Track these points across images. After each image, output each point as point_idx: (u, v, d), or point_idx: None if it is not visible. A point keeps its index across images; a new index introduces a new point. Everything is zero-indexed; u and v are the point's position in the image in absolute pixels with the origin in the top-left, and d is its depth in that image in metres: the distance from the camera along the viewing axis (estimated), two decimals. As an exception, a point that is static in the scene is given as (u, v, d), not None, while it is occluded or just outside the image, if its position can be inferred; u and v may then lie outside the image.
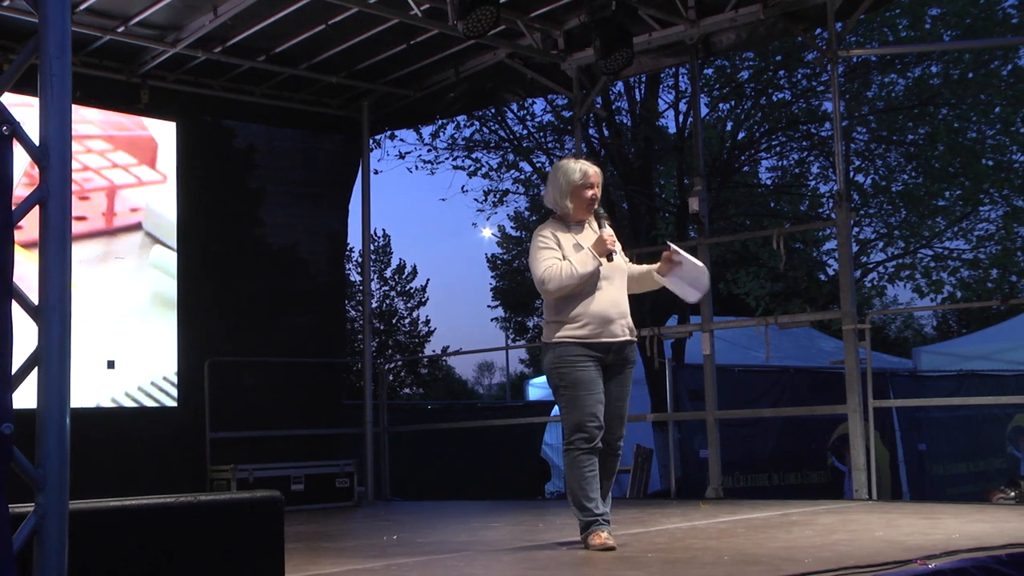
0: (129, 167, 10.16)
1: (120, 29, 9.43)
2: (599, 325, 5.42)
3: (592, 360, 5.41)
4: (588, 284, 5.44)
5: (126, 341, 9.88)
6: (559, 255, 5.47)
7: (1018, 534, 5.02)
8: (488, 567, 5.04)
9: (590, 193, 5.54)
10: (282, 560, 2.65)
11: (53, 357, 2.09)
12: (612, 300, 5.47)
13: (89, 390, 9.48)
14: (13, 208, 2.07)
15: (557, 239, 5.54)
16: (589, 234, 5.58)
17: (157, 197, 10.31)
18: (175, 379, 10.21)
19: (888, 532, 5.59)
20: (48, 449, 2.07)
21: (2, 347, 2.01)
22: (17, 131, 2.07)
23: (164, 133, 10.42)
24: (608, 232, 5.47)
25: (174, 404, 10.20)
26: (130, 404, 9.89)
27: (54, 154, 2.12)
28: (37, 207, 2.12)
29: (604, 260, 5.42)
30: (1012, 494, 8.07)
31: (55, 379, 2.09)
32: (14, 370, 2.06)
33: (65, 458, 2.09)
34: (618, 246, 5.57)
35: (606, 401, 5.46)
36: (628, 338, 5.52)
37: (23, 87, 2.43)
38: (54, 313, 2.09)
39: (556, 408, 15.14)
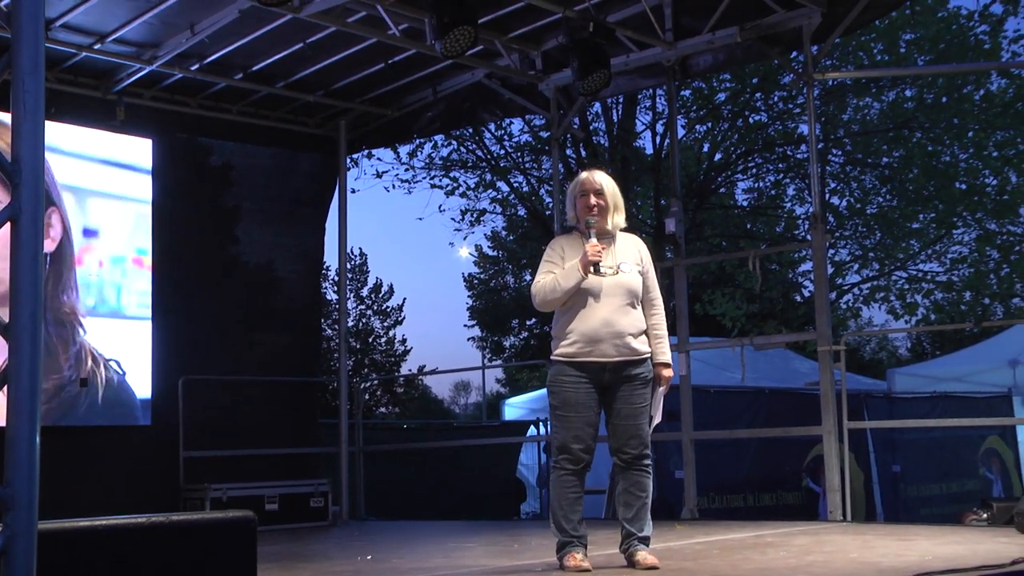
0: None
1: (96, 46, 9.40)
2: (587, 343, 5.29)
3: (584, 380, 5.29)
4: (577, 300, 5.31)
5: (99, 359, 9.81)
6: (558, 269, 5.39)
7: (991, 556, 5.04)
8: (462, 588, 5.02)
9: (586, 201, 5.41)
10: (254, 581, 2.63)
11: (24, 375, 2.07)
12: (604, 319, 5.28)
13: (61, 408, 9.40)
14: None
15: (563, 251, 5.46)
16: (611, 247, 5.42)
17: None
18: (149, 397, 10.13)
19: (862, 554, 5.60)
20: (17, 467, 2.04)
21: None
22: (-11, 147, 2.05)
23: (140, 151, 10.35)
24: (592, 243, 5.31)
25: (147, 423, 10.11)
26: (103, 423, 9.80)
27: (26, 170, 2.11)
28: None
29: (593, 273, 5.26)
30: (985, 516, 8.10)
31: (25, 397, 2.07)
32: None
33: (34, 477, 2.07)
34: (631, 266, 5.40)
35: (615, 419, 5.36)
36: (623, 358, 5.31)
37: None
38: (25, 331, 2.08)
39: (532, 428, 15.19)
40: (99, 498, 9.13)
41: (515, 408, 18.28)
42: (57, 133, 9.55)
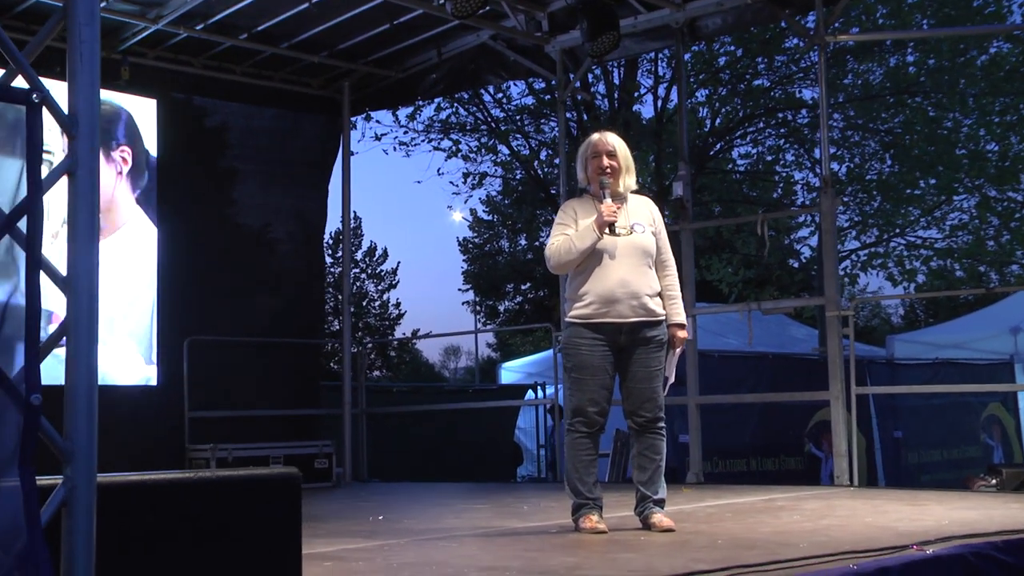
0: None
1: (102, 3, 9.31)
2: (603, 304, 5.26)
3: (600, 343, 5.28)
4: (592, 261, 5.29)
5: (105, 318, 9.78)
6: (571, 230, 5.37)
7: (1007, 521, 5.06)
8: (483, 548, 5.03)
9: (599, 163, 5.40)
10: (299, 538, 2.63)
11: (82, 328, 2.06)
12: (620, 279, 5.26)
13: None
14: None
15: (575, 214, 5.43)
16: (624, 208, 5.41)
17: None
18: (154, 358, 10.12)
19: (877, 518, 5.62)
20: (77, 421, 2.04)
21: (31, 319, 1.97)
22: (47, 99, 2.03)
23: (145, 110, 10.29)
24: (607, 203, 5.29)
25: (153, 383, 10.11)
26: (108, 382, 9.79)
27: (83, 123, 2.08)
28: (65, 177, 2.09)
29: (609, 233, 5.24)
30: (993, 481, 8.12)
31: (84, 350, 2.06)
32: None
33: (93, 430, 2.06)
34: (644, 227, 5.38)
35: (630, 382, 5.35)
36: (639, 319, 5.29)
37: (40, 68, 2.38)
38: (83, 284, 2.06)
39: (530, 392, 15.21)
40: (105, 457, 9.10)
41: (512, 372, 18.31)
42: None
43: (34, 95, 2.01)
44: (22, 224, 1.99)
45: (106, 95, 9.91)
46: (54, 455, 2.05)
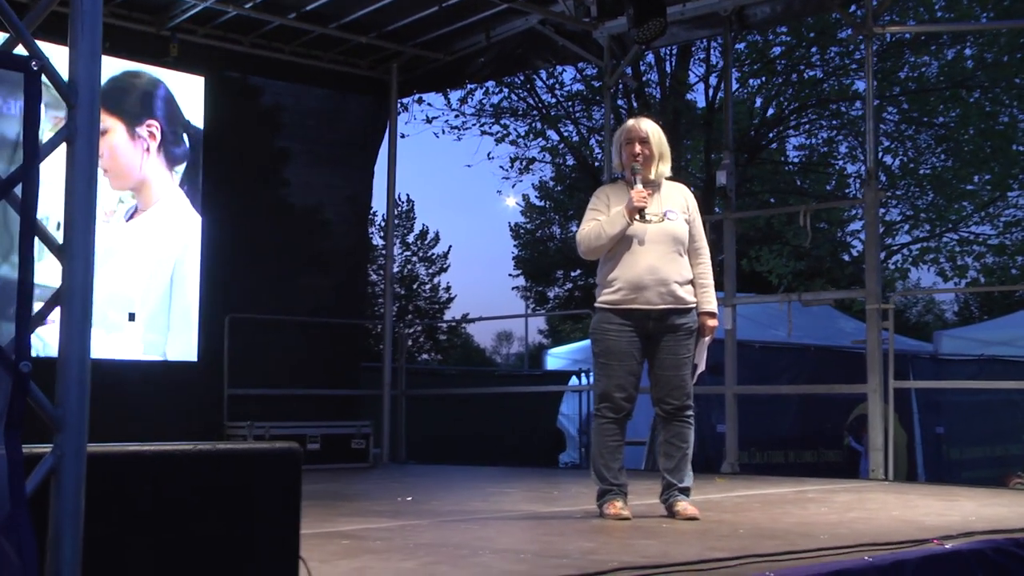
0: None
1: (151, -20, 9.40)
2: (632, 291, 5.25)
3: (628, 328, 5.27)
4: (622, 247, 5.28)
5: (148, 294, 9.89)
6: (603, 216, 5.35)
7: (1037, 519, 4.99)
8: (502, 531, 5.04)
9: (632, 149, 5.38)
10: (298, 513, 2.64)
11: (76, 296, 2.07)
12: (649, 265, 5.24)
13: (110, 342, 9.50)
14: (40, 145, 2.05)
15: (608, 200, 5.42)
16: (656, 195, 5.39)
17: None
18: (195, 334, 10.21)
19: (904, 512, 5.57)
20: (68, 388, 2.05)
21: (24, 286, 1.99)
22: (47, 67, 2.04)
23: (192, 88, 10.37)
24: (638, 188, 5.28)
25: (193, 359, 10.20)
26: (150, 357, 9.90)
27: (83, 92, 2.10)
28: (64, 145, 2.10)
29: (639, 219, 5.23)
30: (1030, 479, 8.03)
31: (77, 318, 2.08)
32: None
33: (85, 398, 2.08)
34: (677, 214, 5.35)
35: (658, 369, 5.34)
36: (668, 306, 5.27)
37: (46, 33, 2.40)
38: (79, 252, 2.08)
39: (574, 378, 15.20)
40: (142, 432, 9.16)
41: (557, 358, 18.30)
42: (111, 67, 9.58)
43: (33, 63, 2.03)
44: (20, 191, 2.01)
45: (144, 68, 10.02)
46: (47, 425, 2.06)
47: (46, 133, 2.07)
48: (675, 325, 5.32)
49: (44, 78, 2.05)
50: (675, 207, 5.41)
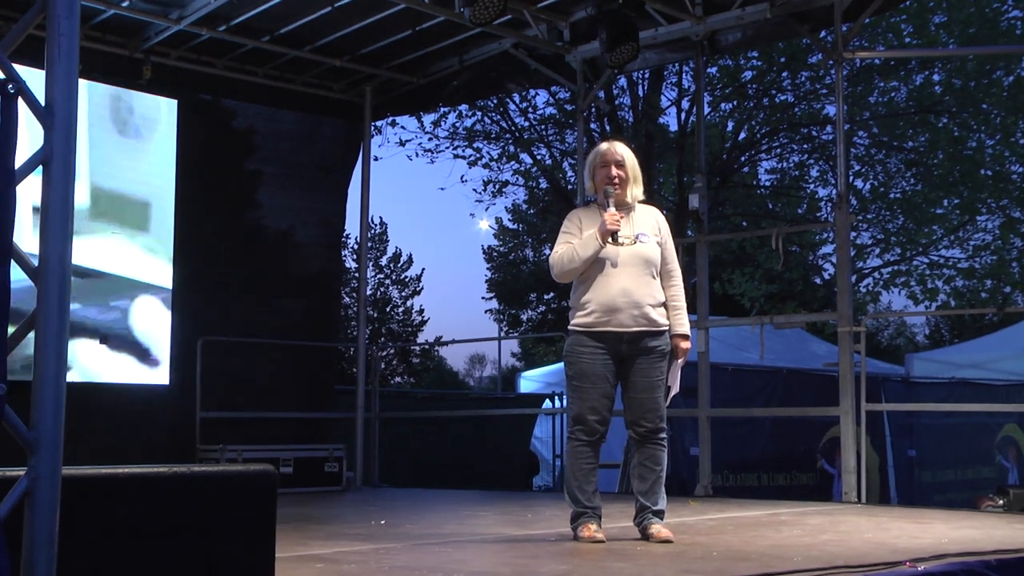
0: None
1: (124, 3, 9.38)
2: (604, 313, 5.27)
3: (602, 351, 5.28)
4: (595, 270, 5.29)
5: (119, 317, 9.84)
6: (576, 239, 5.37)
7: (1007, 540, 5.03)
8: (476, 554, 5.03)
9: (607, 172, 5.40)
10: (273, 534, 2.63)
11: (52, 319, 2.07)
12: (622, 288, 5.26)
13: (81, 365, 9.45)
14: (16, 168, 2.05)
15: (580, 223, 5.43)
16: (629, 218, 5.40)
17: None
18: (167, 357, 10.16)
19: (877, 534, 5.59)
20: (44, 411, 2.04)
21: None
22: (23, 89, 2.05)
23: (165, 111, 10.35)
24: (610, 212, 5.29)
25: (166, 382, 10.15)
26: (121, 380, 9.84)
27: (59, 114, 2.10)
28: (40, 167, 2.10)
29: (612, 242, 5.24)
30: (1001, 502, 8.06)
31: (53, 341, 2.07)
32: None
33: (60, 421, 2.07)
34: (649, 237, 5.37)
35: (631, 392, 5.35)
36: (641, 329, 5.29)
37: (22, 57, 2.40)
38: (54, 274, 2.07)
39: (547, 401, 15.19)
40: (115, 456, 9.15)
41: (531, 381, 18.27)
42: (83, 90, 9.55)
43: (10, 85, 2.03)
44: None
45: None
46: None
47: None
48: (648, 347, 5.33)
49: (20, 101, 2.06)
50: (647, 230, 5.44)
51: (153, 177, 10.21)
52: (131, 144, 10.08)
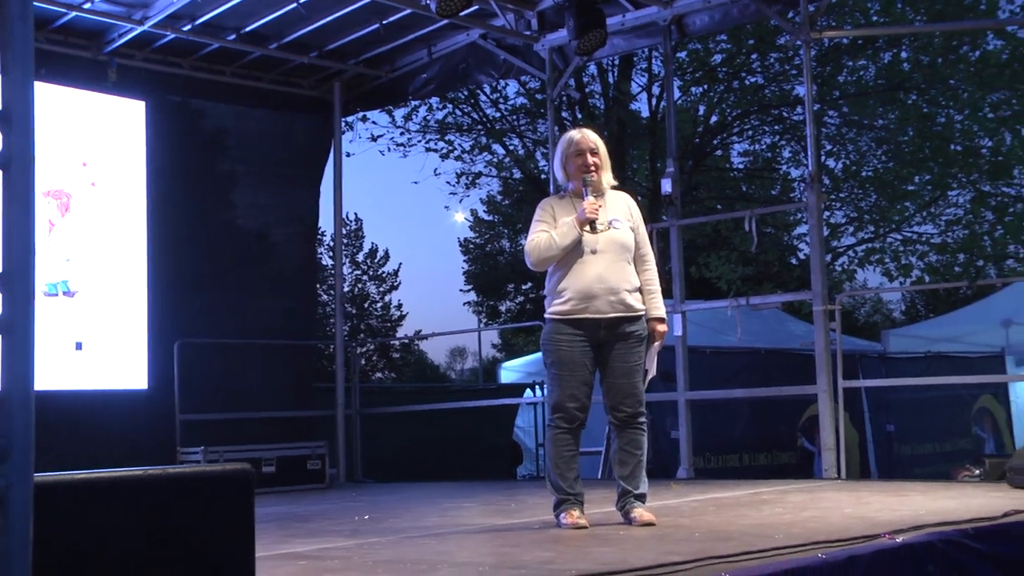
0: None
1: (86, 5, 9.33)
2: (581, 300, 5.27)
3: (579, 338, 5.28)
4: (572, 257, 5.30)
5: (95, 322, 9.79)
6: (550, 227, 5.38)
7: (983, 509, 5.06)
8: (460, 544, 5.04)
9: (583, 160, 5.41)
10: (252, 534, 2.63)
11: (18, 324, 2.06)
12: (598, 275, 5.27)
13: (57, 372, 9.39)
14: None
15: (553, 212, 5.44)
16: (603, 204, 5.40)
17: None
18: (145, 361, 10.12)
19: (857, 509, 5.63)
20: (13, 417, 2.03)
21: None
22: (-20, 95, 2.03)
23: (133, 113, 10.29)
24: (589, 200, 5.31)
25: (144, 386, 10.11)
26: (99, 386, 9.79)
27: (17, 119, 2.09)
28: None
29: (589, 231, 5.26)
30: (977, 472, 8.12)
31: (19, 346, 2.06)
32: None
33: (30, 426, 2.06)
34: (622, 222, 5.40)
35: (610, 378, 5.36)
36: (617, 315, 5.29)
37: None
38: (19, 279, 2.06)
39: (528, 391, 15.20)
40: (94, 461, 9.11)
41: (511, 371, 18.29)
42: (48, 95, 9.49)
43: (-35, 92, 2.02)
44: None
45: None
46: None
47: None
48: (626, 333, 5.35)
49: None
50: (620, 215, 5.45)
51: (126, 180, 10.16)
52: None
